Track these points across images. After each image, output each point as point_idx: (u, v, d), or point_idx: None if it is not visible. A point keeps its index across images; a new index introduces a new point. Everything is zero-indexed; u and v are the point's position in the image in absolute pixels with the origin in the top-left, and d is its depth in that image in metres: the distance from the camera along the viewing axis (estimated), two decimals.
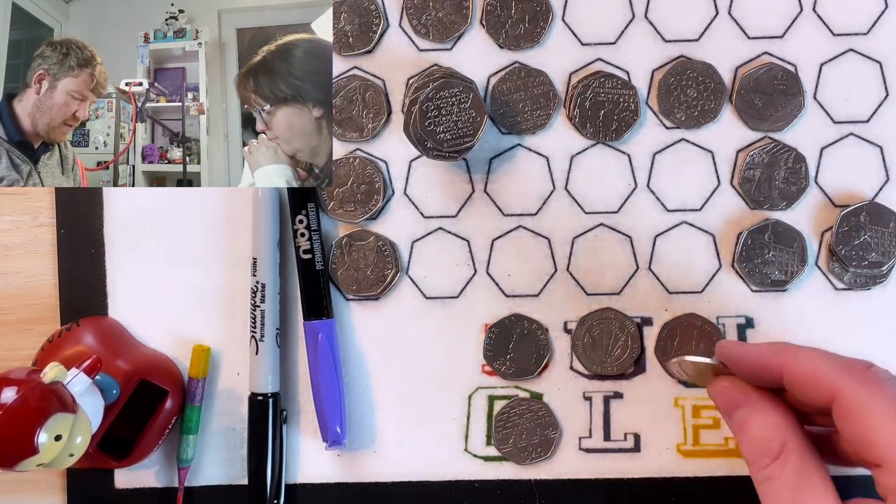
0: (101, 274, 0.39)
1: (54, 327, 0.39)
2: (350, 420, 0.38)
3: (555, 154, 0.38)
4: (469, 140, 0.35)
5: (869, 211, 0.37)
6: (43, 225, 0.40)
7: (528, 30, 0.38)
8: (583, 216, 0.38)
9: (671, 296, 0.38)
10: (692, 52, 0.38)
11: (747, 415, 0.30)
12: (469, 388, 0.38)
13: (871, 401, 0.27)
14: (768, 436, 0.29)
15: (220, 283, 0.39)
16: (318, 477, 0.39)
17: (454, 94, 0.35)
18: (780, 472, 0.28)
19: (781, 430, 0.29)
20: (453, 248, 0.39)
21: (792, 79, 0.37)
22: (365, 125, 0.38)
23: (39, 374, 0.31)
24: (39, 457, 0.30)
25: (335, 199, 0.38)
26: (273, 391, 0.37)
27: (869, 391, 0.27)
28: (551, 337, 0.38)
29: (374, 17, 0.38)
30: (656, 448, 0.38)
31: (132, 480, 0.39)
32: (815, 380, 0.28)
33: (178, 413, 0.38)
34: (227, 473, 0.39)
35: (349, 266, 0.38)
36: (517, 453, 0.38)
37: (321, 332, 0.37)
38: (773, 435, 0.29)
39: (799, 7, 0.38)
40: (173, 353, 0.39)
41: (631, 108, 0.38)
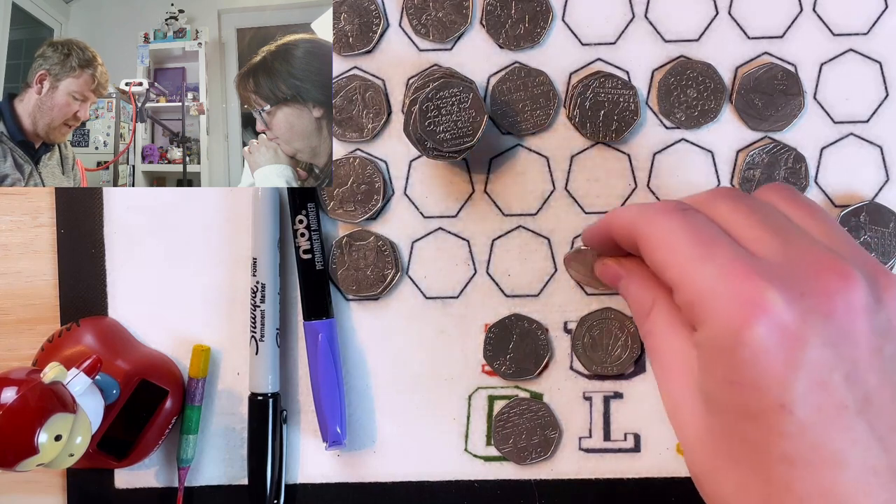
0: (101, 274, 0.39)
1: (54, 327, 0.39)
2: (350, 420, 0.38)
3: (555, 154, 0.38)
4: (469, 140, 0.35)
5: (869, 211, 0.37)
6: (43, 225, 0.40)
7: (528, 30, 0.38)
8: (583, 216, 0.38)
9: None
10: (692, 52, 0.38)
11: (626, 284, 0.32)
12: (469, 388, 0.38)
13: (657, 230, 0.28)
14: (641, 297, 0.31)
15: (220, 283, 0.39)
16: (318, 477, 0.39)
17: (454, 94, 0.35)
18: (654, 325, 0.30)
19: (650, 289, 0.31)
20: (453, 248, 0.39)
21: (792, 79, 0.37)
22: (365, 125, 0.38)
23: (39, 374, 0.31)
24: (39, 457, 0.30)
25: (335, 199, 0.38)
26: (273, 391, 0.37)
27: (655, 223, 0.28)
28: (551, 337, 0.38)
29: (374, 17, 0.38)
30: (656, 448, 0.38)
31: (132, 480, 0.39)
32: (626, 230, 0.30)
33: (178, 413, 0.38)
34: (227, 473, 0.39)
35: (349, 266, 0.38)
36: (517, 453, 0.38)
37: (321, 332, 0.37)
38: (644, 295, 0.31)
39: (799, 7, 0.38)
40: (173, 353, 0.39)
41: (631, 108, 0.38)
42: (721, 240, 0.27)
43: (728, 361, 0.25)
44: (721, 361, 0.25)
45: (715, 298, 0.25)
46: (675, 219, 0.28)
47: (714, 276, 0.26)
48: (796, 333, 0.24)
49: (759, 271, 0.25)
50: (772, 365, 0.24)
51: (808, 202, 0.29)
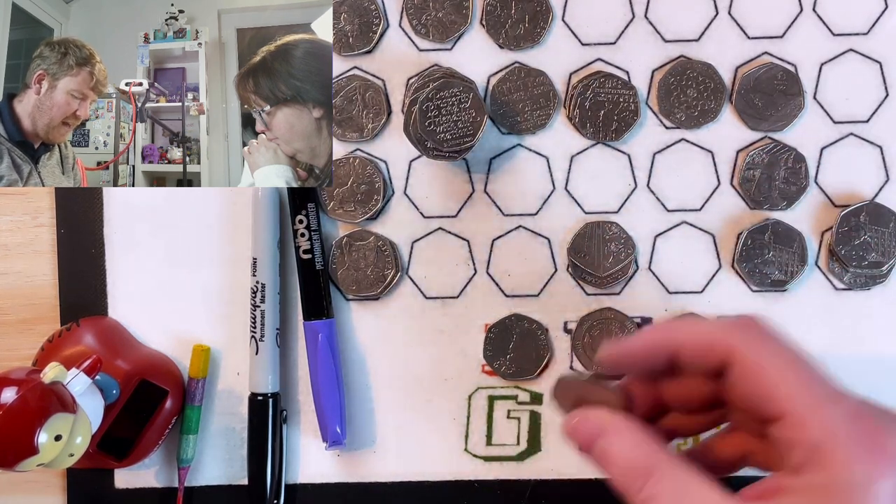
0: (101, 274, 0.39)
1: (54, 327, 0.39)
2: (350, 420, 0.38)
3: (555, 154, 0.38)
4: (469, 140, 0.35)
5: (869, 211, 0.37)
6: (43, 225, 0.40)
7: (528, 30, 0.38)
8: (583, 216, 0.38)
9: (671, 296, 0.38)
10: (692, 52, 0.38)
11: (608, 444, 0.28)
12: (469, 388, 0.38)
13: (766, 354, 0.26)
14: (636, 456, 0.27)
15: (220, 283, 0.39)
16: (318, 477, 0.39)
17: (454, 94, 0.35)
18: (660, 488, 0.27)
19: (647, 446, 0.27)
20: (453, 248, 0.39)
21: (792, 79, 0.37)
22: (365, 125, 0.38)
23: (39, 374, 0.31)
24: (39, 457, 0.30)
25: (335, 199, 0.38)
26: (273, 391, 0.37)
27: (762, 346, 0.27)
28: (551, 337, 0.38)
29: (374, 17, 0.38)
30: None
31: (132, 480, 0.39)
32: (709, 345, 0.27)
33: (178, 413, 0.38)
34: (227, 473, 0.39)
35: (349, 266, 0.38)
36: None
37: (321, 332, 0.37)
38: (640, 454, 0.27)
39: (799, 7, 0.38)
40: (173, 353, 0.39)
41: (631, 108, 0.38)
42: (836, 381, 0.26)
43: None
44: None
45: (842, 445, 0.24)
46: (783, 346, 0.26)
47: (842, 420, 0.25)
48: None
49: (883, 420, 0.25)
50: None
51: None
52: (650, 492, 0.27)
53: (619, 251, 0.38)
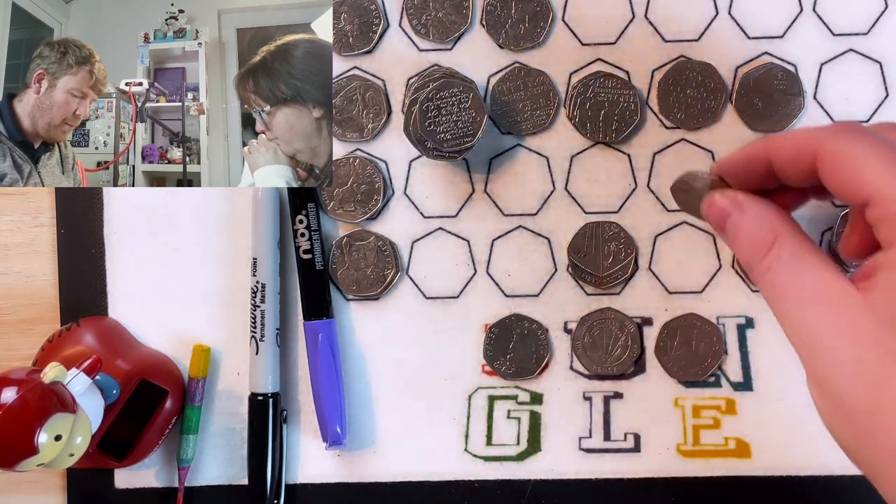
0: (101, 274, 0.39)
1: (54, 327, 0.39)
2: (350, 420, 0.38)
3: (555, 154, 0.38)
4: (469, 140, 0.35)
5: None
6: (43, 225, 0.40)
7: (528, 30, 0.38)
8: (583, 216, 0.38)
9: (671, 296, 0.38)
10: (692, 52, 0.38)
11: (737, 220, 0.31)
12: (469, 388, 0.38)
13: (851, 145, 0.27)
14: (760, 231, 0.30)
15: (220, 283, 0.39)
16: (318, 477, 0.39)
17: (454, 94, 0.35)
18: (777, 261, 0.29)
19: (771, 221, 0.30)
20: (453, 248, 0.39)
21: (792, 79, 0.37)
22: (365, 125, 0.38)
23: (39, 374, 0.31)
24: (39, 457, 0.30)
25: (335, 199, 0.38)
26: (273, 391, 0.37)
27: (848, 138, 0.27)
28: (551, 337, 0.38)
29: (374, 17, 0.38)
30: (656, 448, 0.38)
31: (132, 480, 0.39)
32: (800, 148, 0.29)
33: (178, 413, 0.38)
34: (227, 473, 0.39)
35: (349, 266, 0.38)
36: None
37: (321, 332, 0.37)
38: (764, 228, 0.30)
39: (799, 7, 0.38)
40: (173, 353, 0.39)
41: (631, 108, 0.38)
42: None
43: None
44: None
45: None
46: (864, 136, 0.27)
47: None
48: None
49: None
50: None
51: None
52: (770, 263, 0.29)
53: (619, 251, 0.38)
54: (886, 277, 0.26)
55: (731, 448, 0.38)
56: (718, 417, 0.38)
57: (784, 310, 0.28)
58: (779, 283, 0.29)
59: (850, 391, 0.26)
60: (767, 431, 0.38)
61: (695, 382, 0.38)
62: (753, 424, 0.38)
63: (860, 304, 0.26)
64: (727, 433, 0.38)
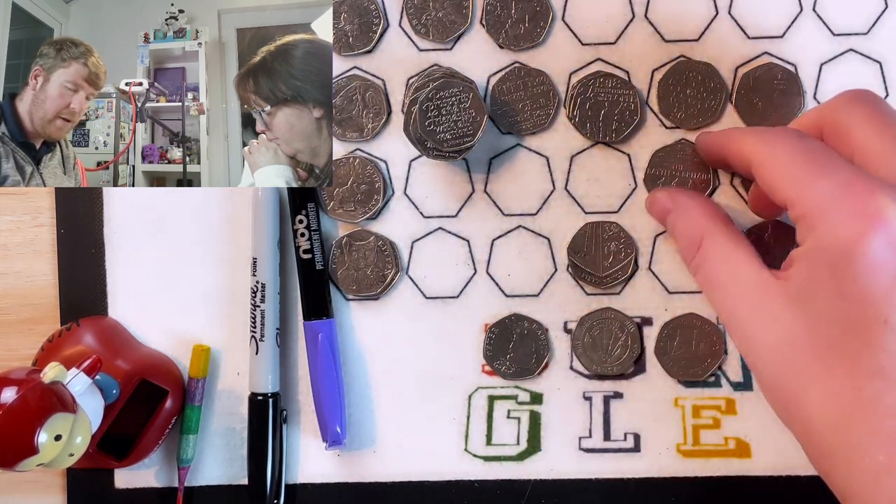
0: (101, 274, 0.39)
1: (54, 327, 0.39)
2: (350, 420, 0.38)
3: (555, 154, 0.38)
4: (469, 140, 0.35)
5: None
6: (43, 225, 0.40)
7: (528, 30, 0.38)
8: (583, 216, 0.38)
9: (671, 296, 0.38)
10: (692, 52, 0.38)
11: (674, 219, 0.33)
12: (469, 388, 0.38)
13: (772, 149, 0.29)
14: (690, 231, 0.32)
15: (220, 283, 0.39)
16: (318, 477, 0.39)
17: (454, 94, 0.35)
18: (704, 260, 0.31)
19: (700, 222, 0.32)
20: (453, 248, 0.39)
21: (792, 79, 0.37)
22: (365, 125, 0.38)
23: (39, 374, 0.31)
24: (39, 457, 0.30)
25: (335, 199, 0.38)
26: (273, 391, 0.37)
27: (773, 145, 0.29)
28: (551, 337, 0.38)
29: (374, 17, 0.38)
30: (656, 448, 0.38)
31: (132, 480, 0.39)
32: (742, 151, 0.31)
33: (178, 413, 0.38)
34: (227, 473, 0.39)
35: (349, 266, 0.38)
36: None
37: (321, 332, 0.37)
38: (693, 227, 0.32)
39: (799, 7, 0.38)
40: (173, 353, 0.39)
41: (631, 108, 0.38)
42: (838, 160, 0.27)
43: (838, 274, 0.25)
44: (831, 274, 0.26)
45: (831, 211, 0.26)
46: (792, 142, 0.29)
47: (831, 191, 0.26)
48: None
49: (878, 186, 0.26)
50: (882, 279, 0.25)
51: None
52: (699, 260, 0.31)
53: (619, 251, 0.38)
54: (798, 269, 0.27)
55: (731, 448, 0.38)
56: (718, 417, 0.38)
57: (716, 302, 0.31)
58: (709, 279, 0.31)
59: (776, 376, 0.28)
60: (767, 431, 0.38)
61: (695, 382, 0.38)
62: (753, 424, 0.38)
63: (780, 293, 0.28)
64: (727, 433, 0.38)
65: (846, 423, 0.25)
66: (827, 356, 0.26)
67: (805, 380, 0.27)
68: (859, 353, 0.25)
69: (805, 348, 0.26)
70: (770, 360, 0.28)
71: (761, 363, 0.29)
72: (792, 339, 0.27)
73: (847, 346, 0.25)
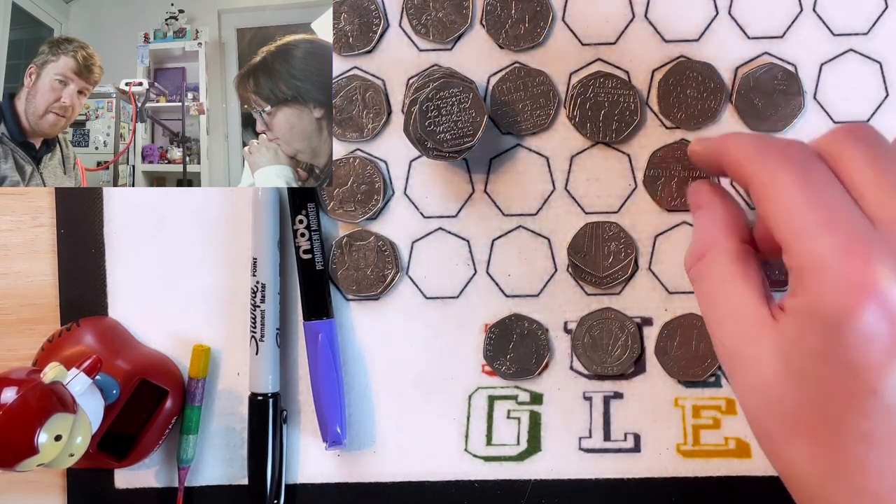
0: (101, 274, 0.39)
1: (54, 327, 0.39)
2: (350, 420, 0.38)
3: (555, 154, 0.38)
4: (469, 140, 0.35)
5: None
6: (43, 225, 0.40)
7: (528, 30, 0.38)
8: (583, 216, 0.38)
9: (671, 296, 0.38)
10: (692, 52, 0.38)
11: (698, 216, 0.32)
12: (469, 388, 0.38)
13: (774, 182, 0.27)
14: (702, 238, 0.31)
15: (220, 283, 0.39)
16: (318, 477, 0.39)
17: (454, 94, 0.35)
18: (703, 274, 0.30)
19: (712, 232, 0.31)
20: (453, 248, 0.39)
21: (792, 79, 0.37)
22: (365, 125, 0.38)
23: (39, 374, 0.31)
24: (39, 457, 0.30)
25: (335, 199, 0.38)
26: (273, 391, 0.37)
27: (773, 172, 0.27)
28: (551, 337, 0.38)
29: (374, 17, 0.38)
30: (656, 448, 0.38)
31: (132, 480, 0.39)
32: (740, 168, 0.29)
33: (178, 413, 0.38)
34: (227, 473, 0.39)
35: (349, 266, 0.38)
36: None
37: (321, 332, 0.37)
38: (705, 237, 0.31)
39: (799, 7, 0.38)
40: (173, 353, 0.39)
41: (631, 108, 0.38)
42: (842, 206, 0.26)
43: (828, 338, 0.25)
44: (820, 336, 0.25)
45: (828, 274, 0.25)
46: (795, 173, 0.27)
47: (830, 250, 0.25)
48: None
49: (879, 252, 0.25)
50: (874, 351, 0.24)
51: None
52: (700, 271, 0.30)
53: (619, 251, 0.38)
54: (789, 323, 0.27)
55: (731, 448, 0.38)
56: (718, 417, 0.38)
57: (708, 321, 0.30)
58: (706, 293, 0.30)
59: (758, 418, 0.27)
60: None
61: (695, 382, 0.38)
62: None
63: (773, 337, 0.27)
64: (727, 433, 0.38)
65: (829, 481, 0.25)
66: (812, 415, 0.26)
67: (788, 433, 0.26)
68: (845, 417, 0.25)
69: (790, 401, 0.26)
70: (753, 400, 0.28)
71: (744, 398, 0.28)
72: (778, 388, 0.26)
73: (834, 410, 0.25)
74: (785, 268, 0.27)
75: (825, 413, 0.25)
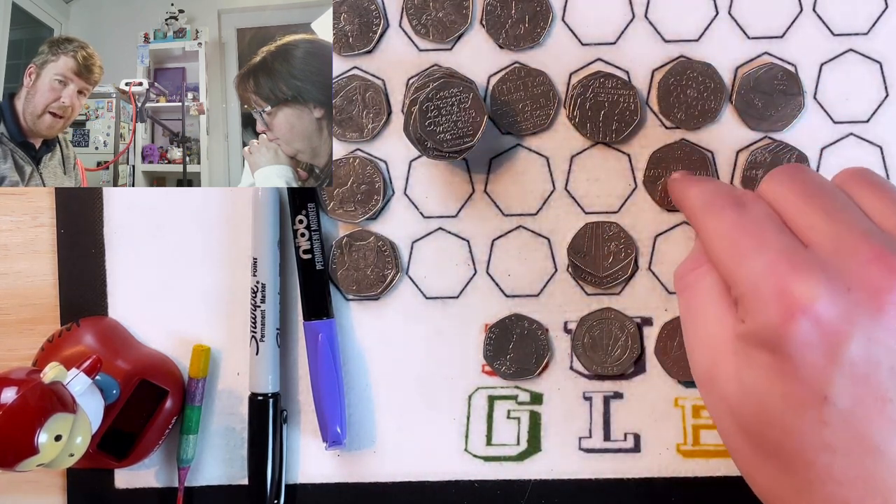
0: (101, 274, 0.39)
1: (54, 327, 0.39)
2: (350, 420, 0.38)
3: (555, 154, 0.38)
4: (469, 140, 0.35)
5: None
6: (43, 225, 0.40)
7: (528, 30, 0.38)
8: (583, 216, 0.38)
9: (671, 296, 0.38)
10: (692, 52, 0.38)
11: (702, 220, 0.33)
12: (469, 388, 0.38)
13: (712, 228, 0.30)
14: (701, 248, 0.32)
15: (220, 283, 0.39)
16: (318, 477, 0.39)
17: (454, 94, 0.35)
18: (695, 283, 0.31)
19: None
20: (453, 248, 0.39)
21: (792, 79, 0.37)
22: (365, 125, 0.38)
23: (39, 374, 0.31)
24: (39, 457, 0.30)
25: (335, 199, 0.38)
26: (273, 391, 0.37)
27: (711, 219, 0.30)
28: (551, 337, 0.38)
29: (374, 17, 0.38)
30: (656, 448, 0.38)
31: (132, 480, 0.39)
32: (689, 217, 0.32)
33: (178, 413, 0.38)
34: (227, 473, 0.39)
35: (349, 266, 0.38)
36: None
37: (321, 332, 0.37)
38: (699, 246, 0.32)
39: (799, 7, 0.38)
40: (173, 353, 0.39)
41: (631, 108, 0.38)
42: (771, 232, 0.28)
43: (773, 354, 0.26)
44: (766, 354, 0.26)
45: (759, 295, 0.26)
46: (728, 217, 0.29)
47: (759, 273, 0.26)
48: (838, 329, 0.25)
49: (805, 266, 0.26)
50: (814, 360, 0.25)
51: (886, 189, 0.29)
52: (688, 280, 0.31)
53: (619, 251, 0.38)
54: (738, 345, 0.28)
55: None
56: None
57: (688, 329, 0.31)
58: (690, 304, 0.31)
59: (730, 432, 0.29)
60: None
61: (695, 382, 0.38)
62: None
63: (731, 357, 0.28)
64: None
65: (802, 496, 0.26)
66: (776, 432, 0.26)
67: (757, 452, 0.28)
68: (804, 429, 0.25)
69: (753, 421, 0.27)
70: (723, 421, 0.29)
71: (716, 419, 0.30)
72: (741, 409, 0.28)
73: (793, 424, 0.26)
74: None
75: (786, 429, 0.26)
